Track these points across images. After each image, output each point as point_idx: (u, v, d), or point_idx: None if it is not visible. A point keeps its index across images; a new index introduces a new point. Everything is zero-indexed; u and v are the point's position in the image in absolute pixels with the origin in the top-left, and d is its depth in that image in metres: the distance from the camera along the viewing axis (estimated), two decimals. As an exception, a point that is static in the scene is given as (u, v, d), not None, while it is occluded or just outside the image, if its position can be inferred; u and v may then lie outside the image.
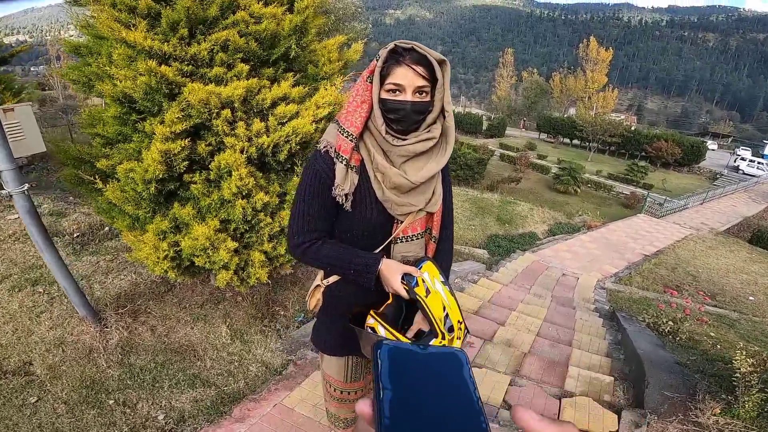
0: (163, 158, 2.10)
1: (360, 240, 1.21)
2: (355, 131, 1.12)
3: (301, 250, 1.20)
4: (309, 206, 1.17)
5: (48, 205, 5.08)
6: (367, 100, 1.11)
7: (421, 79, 1.06)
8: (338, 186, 1.14)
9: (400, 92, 1.07)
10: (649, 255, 10.09)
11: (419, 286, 1.08)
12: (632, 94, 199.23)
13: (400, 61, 1.06)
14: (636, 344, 3.49)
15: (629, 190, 22.27)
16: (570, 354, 3.41)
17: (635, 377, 3.07)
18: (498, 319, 3.98)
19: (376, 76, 1.08)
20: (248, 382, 2.57)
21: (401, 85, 1.07)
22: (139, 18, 2.07)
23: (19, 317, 2.90)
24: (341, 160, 1.13)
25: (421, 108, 1.09)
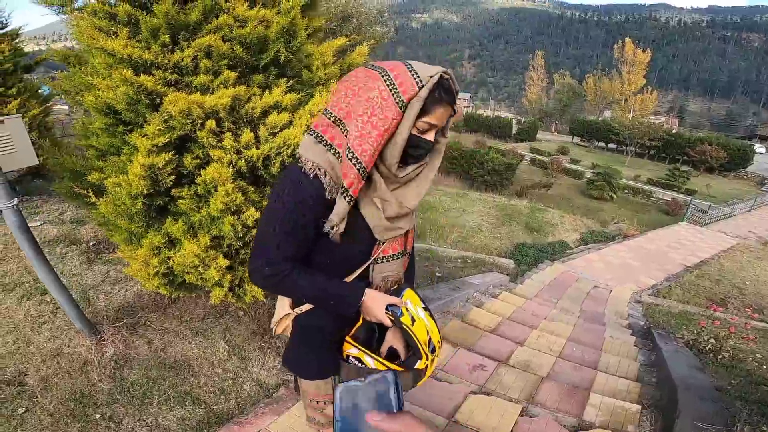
0: (146, 173, 2.01)
1: (338, 264, 1.15)
2: (368, 165, 0.98)
3: (274, 282, 1.08)
4: (290, 236, 1.05)
5: (71, 213, 5.22)
6: (390, 129, 0.96)
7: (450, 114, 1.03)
8: (335, 225, 1.03)
9: (428, 131, 1.01)
10: (691, 266, 9.42)
11: (404, 315, 1.11)
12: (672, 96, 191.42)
13: (442, 100, 0.98)
14: (670, 366, 3.16)
15: (670, 196, 21.18)
16: (594, 378, 3.11)
17: (666, 405, 2.75)
18: (517, 338, 3.71)
19: (413, 109, 0.95)
20: (239, 401, 2.44)
21: (435, 126, 1.01)
22: (120, 26, 2.00)
23: (21, 327, 2.90)
24: (346, 198, 1.00)
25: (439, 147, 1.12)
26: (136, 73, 1.95)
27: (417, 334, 1.11)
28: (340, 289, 1.11)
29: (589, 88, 48.16)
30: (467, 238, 9.37)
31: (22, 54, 5.31)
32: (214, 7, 2.02)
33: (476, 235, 9.87)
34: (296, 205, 1.02)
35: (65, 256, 4.09)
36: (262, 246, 1.08)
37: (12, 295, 3.30)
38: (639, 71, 42.95)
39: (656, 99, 42.35)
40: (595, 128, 38.49)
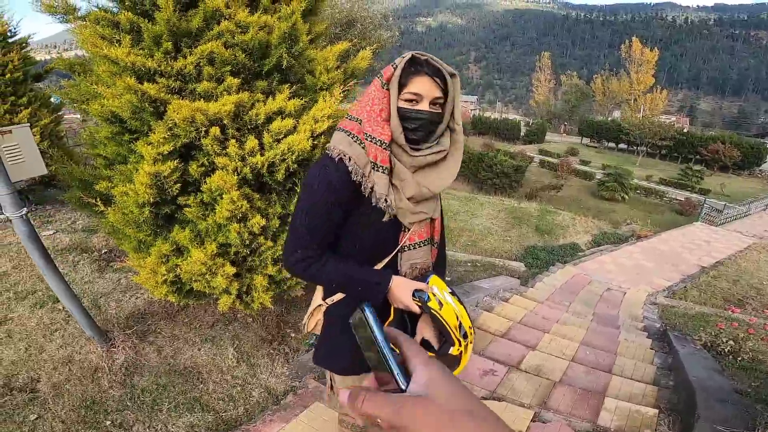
0: (152, 181, 2.02)
1: (367, 250, 1.19)
2: (386, 139, 1.10)
3: (302, 267, 1.16)
4: (317, 219, 1.13)
5: (83, 221, 5.29)
6: (385, 109, 1.10)
7: (438, 89, 1.08)
8: (383, 196, 1.11)
9: (417, 102, 1.09)
10: (707, 266, 9.22)
11: (432, 300, 1.11)
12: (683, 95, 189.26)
13: (419, 71, 1.07)
14: (688, 369, 3.07)
15: (683, 196, 20.83)
16: (608, 382, 3.04)
17: (684, 409, 2.67)
18: (528, 342, 3.65)
19: (393, 84, 1.08)
20: (248, 408, 2.43)
21: (419, 95, 1.08)
22: (123, 33, 2.02)
23: (34, 334, 2.93)
24: (383, 171, 1.11)
25: (437, 118, 1.12)
26: (139, 80, 1.97)
27: (446, 318, 1.11)
28: (368, 276, 1.15)
29: (597, 89, 47.76)
30: (477, 242, 9.29)
31: (32, 63, 5.33)
32: (216, 13, 2.03)
33: (486, 238, 9.79)
34: (323, 188, 1.11)
35: (77, 264, 4.14)
36: (293, 232, 1.17)
37: (25, 303, 3.34)
38: (647, 70, 42.50)
39: (666, 98, 41.81)
40: (605, 128, 38.09)
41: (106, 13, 2.10)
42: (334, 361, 1.34)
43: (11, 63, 4.97)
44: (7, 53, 4.98)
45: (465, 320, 1.14)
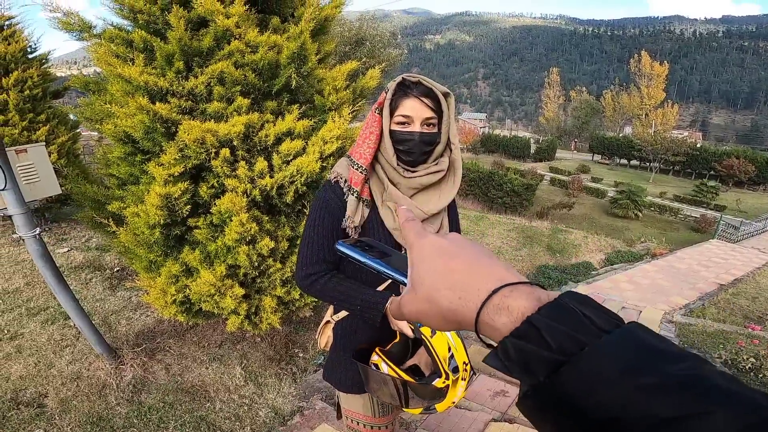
0: (163, 203, 2.04)
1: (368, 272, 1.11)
2: (364, 163, 1.14)
3: (308, 282, 1.20)
4: (318, 237, 1.19)
5: (96, 239, 5.36)
6: (375, 132, 1.14)
7: (429, 110, 1.10)
8: (349, 218, 1.16)
9: (408, 124, 1.11)
10: (725, 284, 8.98)
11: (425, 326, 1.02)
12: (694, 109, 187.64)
13: (408, 94, 1.10)
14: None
15: (699, 213, 20.45)
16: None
17: None
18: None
19: (385, 109, 1.12)
20: (254, 428, 2.40)
21: (410, 117, 1.10)
22: (136, 52, 2.08)
23: (44, 350, 2.95)
24: (353, 193, 1.15)
25: (429, 139, 1.12)
26: (152, 100, 2.01)
27: (436, 347, 1.09)
28: (367, 296, 1.16)
29: (607, 104, 47.65)
30: (487, 260, 9.17)
31: (51, 79, 5.30)
32: (226, 33, 2.08)
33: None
34: (322, 208, 1.18)
35: (89, 282, 4.19)
36: (300, 249, 1.22)
37: (36, 319, 3.38)
38: (658, 85, 42.34)
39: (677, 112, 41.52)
40: (616, 145, 37.82)
41: (121, 31, 2.16)
42: (336, 377, 1.36)
43: (30, 79, 4.95)
44: (26, 69, 4.96)
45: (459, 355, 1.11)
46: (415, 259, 0.41)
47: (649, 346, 0.28)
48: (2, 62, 4.87)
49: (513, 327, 0.32)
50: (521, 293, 0.34)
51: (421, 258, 0.40)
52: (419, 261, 0.40)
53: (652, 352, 0.28)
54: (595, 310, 0.32)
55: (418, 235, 0.42)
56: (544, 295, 0.34)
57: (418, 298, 0.39)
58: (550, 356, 0.29)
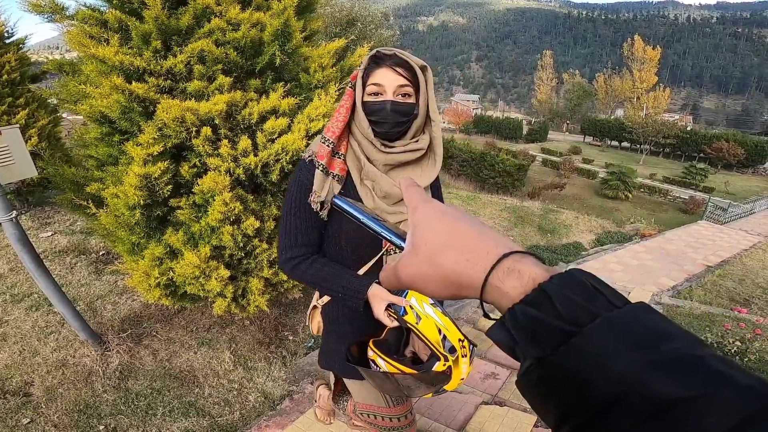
0: (142, 183, 1.97)
1: (349, 253, 1.17)
2: (331, 135, 1.10)
3: (290, 266, 1.17)
4: (296, 218, 1.15)
5: (81, 223, 5.25)
6: (346, 105, 1.11)
7: (402, 78, 1.05)
8: (314, 192, 1.11)
9: (381, 94, 1.06)
10: (712, 266, 9.12)
11: (408, 314, 1.07)
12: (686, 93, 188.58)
13: (380, 64, 1.06)
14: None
15: (688, 195, 20.71)
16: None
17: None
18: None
19: (358, 80, 1.08)
20: (244, 413, 2.38)
21: (381, 86, 1.06)
22: (111, 32, 1.98)
23: (28, 337, 2.90)
24: (318, 167, 1.11)
25: (403, 109, 1.07)
26: (128, 80, 1.92)
27: (425, 332, 1.05)
28: (348, 282, 1.12)
29: (599, 87, 47.62)
30: (478, 241, 9.22)
31: (29, 63, 5.26)
32: (206, 10, 1.98)
33: (488, 237, 9.72)
34: (297, 188, 1.14)
35: (74, 267, 4.11)
36: (280, 232, 1.19)
37: (20, 305, 3.31)
38: (650, 69, 42.31)
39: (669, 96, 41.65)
40: (608, 127, 37.91)
41: (94, 11, 2.05)
42: (327, 359, 1.34)
43: (8, 64, 4.91)
44: (3, 54, 4.92)
45: (452, 334, 1.07)
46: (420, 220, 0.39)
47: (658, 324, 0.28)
48: (-23, 49, 4.75)
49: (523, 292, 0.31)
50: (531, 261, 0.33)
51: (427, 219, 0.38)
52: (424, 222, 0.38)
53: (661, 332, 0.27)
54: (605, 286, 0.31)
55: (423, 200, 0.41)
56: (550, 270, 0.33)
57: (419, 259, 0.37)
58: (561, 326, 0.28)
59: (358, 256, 1.16)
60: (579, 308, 0.28)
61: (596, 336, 0.27)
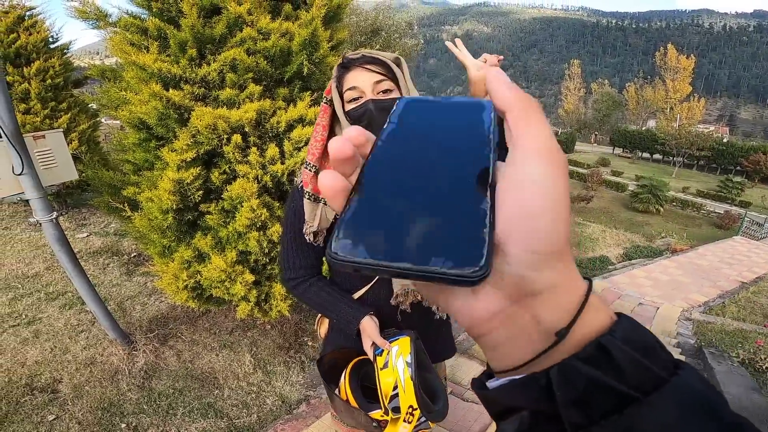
0: (175, 188, 2.05)
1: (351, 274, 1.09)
2: (312, 159, 1.07)
3: (290, 286, 1.18)
4: (293, 243, 1.15)
5: (115, 225, 5.46)
6: (322, 123, 1.06)
7: (376, 75, 1.00)
8: (306, 224, 1.09)
9: (360, 97, 1.01)
10: (747, 282, 8.71)
11: (381, 357, 1.07)
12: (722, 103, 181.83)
13: (349, 68, 1.02)
14: (724, 387, 2.92)
15: (723, 209, 19.85)
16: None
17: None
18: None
19: (333, 91, 1.04)
20: (261, 416, 2.41)
21: (358, 88, 1.00)
22: (150, 40, 2.08)
23: (60, 335, 3.02)
24: (305, 195, 1.09)
25: (387, 105, 1.00)
26: (165, 87, 2.00)
27: (381, 380, 1.04)
28: (343, 311, 1.12)
29: (630, 97, 46.50)
30: (501, 252, 9.10)
31: (73, 68, 5.47)
32: (238, 20, 2.06)
33: (511, 249, 9.58)
34: (291, 215, 1.13)
35: (107, 267, 4.28)
36: (281, 253, 1.20)
37: (54, 303, 3.46)
38: (684, 78, 41.07)
39: (704, 107, 40.21)
40: (639, 138, 36.92)
41: (135, 19, 2.16)
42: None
43: (52, 69, 5.12)
44: (48, 59, 5.13)
45: (406, 399, 1.02)
46: (555, 169, 0.23)
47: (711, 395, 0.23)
48: (24, 52, 5.00)
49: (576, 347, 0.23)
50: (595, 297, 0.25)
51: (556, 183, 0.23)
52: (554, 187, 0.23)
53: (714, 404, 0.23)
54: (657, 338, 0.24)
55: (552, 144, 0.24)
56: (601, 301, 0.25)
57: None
58: (621, 390, 0.22)
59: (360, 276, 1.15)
60: (642, 369, 0.22)
61: (666, 405, 0.22)
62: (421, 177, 0.25)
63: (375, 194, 0.24)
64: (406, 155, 0.26)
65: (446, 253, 0.21)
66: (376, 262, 0.21)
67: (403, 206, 0.23)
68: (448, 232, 0.22)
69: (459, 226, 0.22)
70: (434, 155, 0.26)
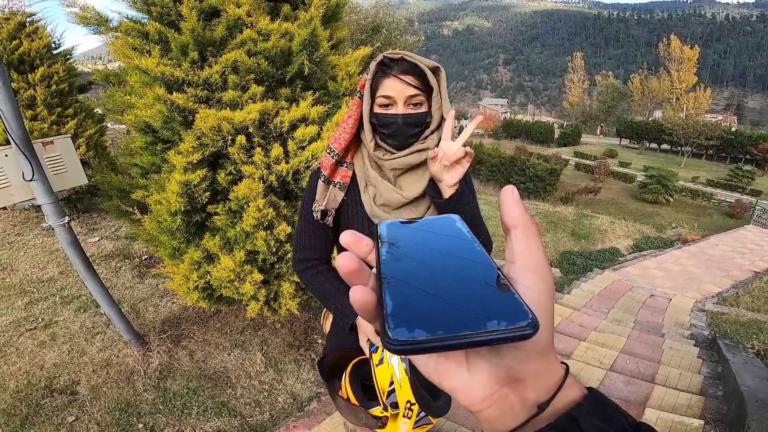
0: (183, 190, 2.07)
1: None
2: (337, 147, 1.11)
3: (300, 268, 1.21)
4: (306, 222, 1.18)
5: (126, 228, 5.53)
6: (353, 116, 1.09)
7: (412, 88, 1.01)
8: (316, 202, 1.14)
9: (391, 105, 1.03)
10: (760, 271, 8.60)
11: (377, 353, 1.10)
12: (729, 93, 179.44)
13: (388, 73, 1.02)
14: (739, 378, 2.87)
15: (734, 198, 19.61)
16: (650, 392, 2.86)
17: (734, 420, 2.51)
18: (563, 350, 3.50)
19: (366, 91, 1.05)
20: (273, 414, 2.44)
21: (391, 97, 1.02)
22: (152, 44, 2.11)
23: (76, 337, 3.08)
24: (321, 177, 1.13)
25: (415, 120, 1.04)
26: (169, 90, 2.03)
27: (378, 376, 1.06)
28: (341, 304, 1.14)
29: (635, 88, 46.06)
30: (509, 247, 9.05)
31: (77, 74, 5.46)
32: (238, 22, 2.08)
33: (518, 243, 9.52)
34: (308, 197, 1.17)
35: (119, 270, 4.34)
36: (295, 234, 1.23)
37: (70, 307, 3.52)
38: (689, 68, 40.58)
39: (710, 96, 39.71)
40: (645, 129, 36.54)
41: (136, 23, 2.19)
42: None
43: (56, 75, 5.12)
44: (52, 65, 5.13)
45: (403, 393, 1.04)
46: (548, 289, 0.29)
47: None
48: (27, 58, 5.03)
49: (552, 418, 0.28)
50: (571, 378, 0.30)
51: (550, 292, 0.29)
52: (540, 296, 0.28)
53: None
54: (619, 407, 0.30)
55: (544, 264, 0.30)
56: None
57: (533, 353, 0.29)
58: None
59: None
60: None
61: None
62: (436, 266, 0.29)
63: (403, 284, 0.27)
64: (412, 253, 0.30)
65: (497, 316, 0.24)
66: (437, 338, 0.24)
67: (434, 289, 0.27)
68: (487, 300, 0.26)
69: (492, 295, 0.26)
70: (436, 251, 0.31)
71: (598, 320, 4.78)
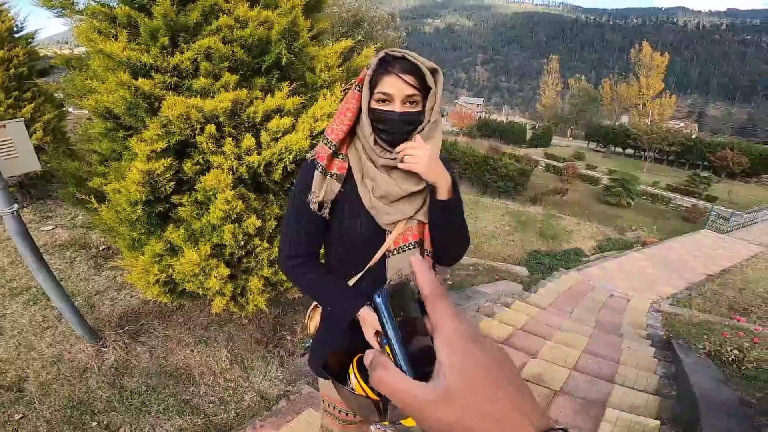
0: (145, 179, 1.96)
1: (351, 253, 1.18)
2: (335, 138, 1.11)
3: (288, 266, 1.19)
4: (297, 217, 1.17)
5: (83, 217, 5.25)
6: (352, 108, 1.10)
7: (411, 88, 1.04)
8: (312, 193, 1.12)
9: (389, 102, 1.05)
10: (713, 275, 9.10)
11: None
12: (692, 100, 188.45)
13: (389, 71, 1.03)
14: (692, 379, 3.01)
15: (690, 203, 20.60)
16: (610, 392, 2.96)
17: (688, 420, 2.62)
18: (529, 349, 3.57)
19: (365, 85, 1.06)
20: (239, 412, 2.37)
21: (390, 95, 1.04)
22: (119, 28, 1.97)
23: (25, 332, 2.89)
24: (318, 168, 1.13)
25: (411, 119, 1.07)
26: (135, 76, 1.91)
27: None
28: (337, 302, 1.13)
29: (605, 93, 47.54)
30: (480, 245, 9.21)
31: (37, 58, 5.29)
32: (214, 8, 1.97)
33: (489, 242, 9.71)
34: (300, 189, 1.15)
35: (74, 261, 4.11)
36: (282, 230, 1.21)
37: (18, 299, 3.30)
38: (657, 75, 42.18)
39: (675, 103, 41.53)
40: (612, 133, 37.81)
41: (103, 7, 2.05)
42: (313, 358, 1.33)
43: (16, 58, 4.95)
44: (12, 48, 4.96)
45: None
46: (458, 361, 0.34)
47: None
48: (-13, 43, 4.77)
49: None
50: None
51: (464, 368, 0.33)
52: (463, 365, 0.33)
53: None
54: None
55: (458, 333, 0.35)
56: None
57: (450, 411, 0.32)
58: None
59: (360, 256, 1.16)
60: None
61: None
62: None
63: None
64: None
65: None
66: None
67: None
68: None
69: None
70: None
71: (563, 319, 4.92)
